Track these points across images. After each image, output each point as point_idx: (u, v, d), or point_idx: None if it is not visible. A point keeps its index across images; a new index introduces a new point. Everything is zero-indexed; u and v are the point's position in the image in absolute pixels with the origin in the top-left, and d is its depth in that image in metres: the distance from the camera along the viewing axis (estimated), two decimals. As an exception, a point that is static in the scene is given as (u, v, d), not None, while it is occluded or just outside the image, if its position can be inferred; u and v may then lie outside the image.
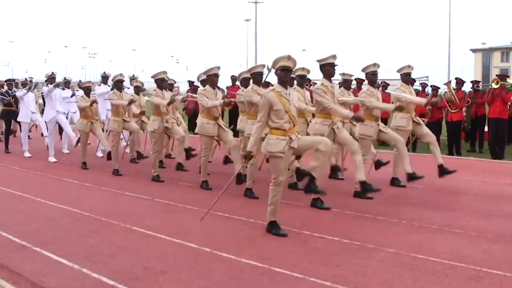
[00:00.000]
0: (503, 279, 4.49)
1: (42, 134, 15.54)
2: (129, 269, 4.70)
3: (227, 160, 9.95)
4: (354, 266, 4.80)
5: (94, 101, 10.58)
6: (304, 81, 8.62)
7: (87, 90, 10.73)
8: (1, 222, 6.36)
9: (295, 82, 8.67)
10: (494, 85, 12.40)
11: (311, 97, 7.96)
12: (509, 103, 12.51)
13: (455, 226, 5.90)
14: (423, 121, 8.52)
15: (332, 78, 7.15)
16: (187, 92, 17.20)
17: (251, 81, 7.96)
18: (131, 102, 9.83)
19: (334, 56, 6.90)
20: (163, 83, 9.35)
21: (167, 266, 4.79)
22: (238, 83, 15.15)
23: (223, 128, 8.33)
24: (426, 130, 8.28)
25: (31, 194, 8.00)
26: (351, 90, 9.70)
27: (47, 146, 12.41)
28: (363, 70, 8.01)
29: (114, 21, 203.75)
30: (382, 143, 12.28)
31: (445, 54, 53.20)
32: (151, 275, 4.58)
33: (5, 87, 16.46)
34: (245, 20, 66.20)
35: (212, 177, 8.65)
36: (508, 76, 13.10)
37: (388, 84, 15.55)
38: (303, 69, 8.56)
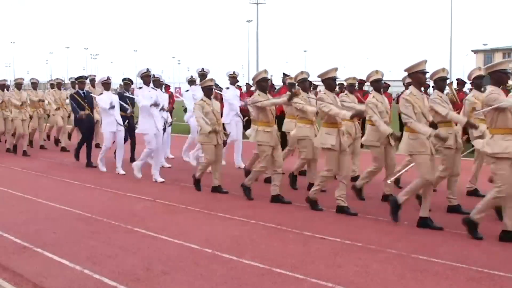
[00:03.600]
0: (505, 280, 4.48)
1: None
2: (130, 270, 4.70)
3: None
4: (355, 267, 4.80)
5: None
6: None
7: (208, 91, 8.38)
8: (2, 223, 6.36)
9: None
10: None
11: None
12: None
13: (456, 227, 5.88)
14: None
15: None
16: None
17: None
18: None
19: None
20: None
21: (168, 267, 4.79)
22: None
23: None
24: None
25: (32, 195, 8.01)
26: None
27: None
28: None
29: (115, 22, 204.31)
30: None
31: (447, 55, 53.13)
32: (152, 276, 4.58)
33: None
34: (247, 21, 66.21)
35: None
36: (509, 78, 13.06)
37: (389, 85, 15.52)
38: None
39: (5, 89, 13.21)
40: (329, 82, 7.00)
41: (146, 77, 9.25)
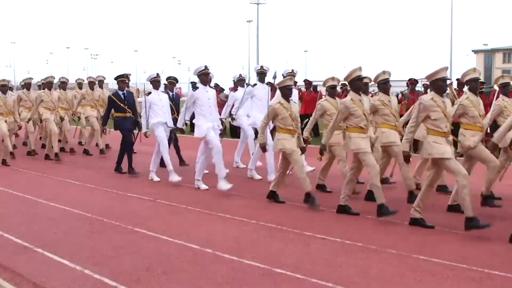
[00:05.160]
0: (505, 280, 4.48)
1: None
2: (131, 270, 4.70)
3: None
4: (356, 267, 4.80)
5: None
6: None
7: (288, 92, 7.35)
8: (3, 223, 6.37)
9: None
10: (496, 87, 12.38)
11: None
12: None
13: (456, 227, 5.89)
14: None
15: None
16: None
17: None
18: None
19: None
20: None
21: (169, 267, 4.80)
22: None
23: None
24: None
25: (32, 195, 8.01)
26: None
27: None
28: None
29: (116, 22, 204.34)
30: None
31: (447, 55, 53.00)
32: (153, 276, 4.58)
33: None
34: (247, 21, 66.23)
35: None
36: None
37: (390, 86, 15.49)
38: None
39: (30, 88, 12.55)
40: (438, 83, 6.03)
41: (205, 76, 8.16)
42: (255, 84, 9.47)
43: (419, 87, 16.67)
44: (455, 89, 13.33)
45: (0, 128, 10.82)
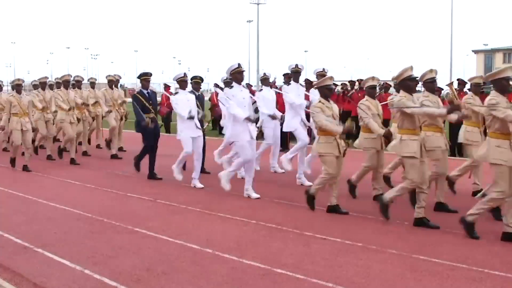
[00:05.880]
0: (505, 280, 4.48)
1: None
2: (131, 271, 4.71)
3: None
4: (356, 267, 4.80)
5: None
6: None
7: (328, 92, 7.00)
8: (3, 223, 6.37)
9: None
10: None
11: None
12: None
13: (456, 227, 5.88)
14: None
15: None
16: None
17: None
18: None
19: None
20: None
21: (168, 267, 4.80)
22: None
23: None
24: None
25: (32, 195, 8.01)
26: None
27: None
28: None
29: (116, 22, 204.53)
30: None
31: (447, 55, 52.96)
32: (153, 276, 4.58)
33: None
34: (247, 21, 66.20)
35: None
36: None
37: (390, 86, 15.52)
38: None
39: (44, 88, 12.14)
40: (502, 83, 5.65)
41: (239, 74, 7.71)
42: (290, 83, 9.10)
43: (419, 87, 16.65)
44: (455, 89, 13.32)
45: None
